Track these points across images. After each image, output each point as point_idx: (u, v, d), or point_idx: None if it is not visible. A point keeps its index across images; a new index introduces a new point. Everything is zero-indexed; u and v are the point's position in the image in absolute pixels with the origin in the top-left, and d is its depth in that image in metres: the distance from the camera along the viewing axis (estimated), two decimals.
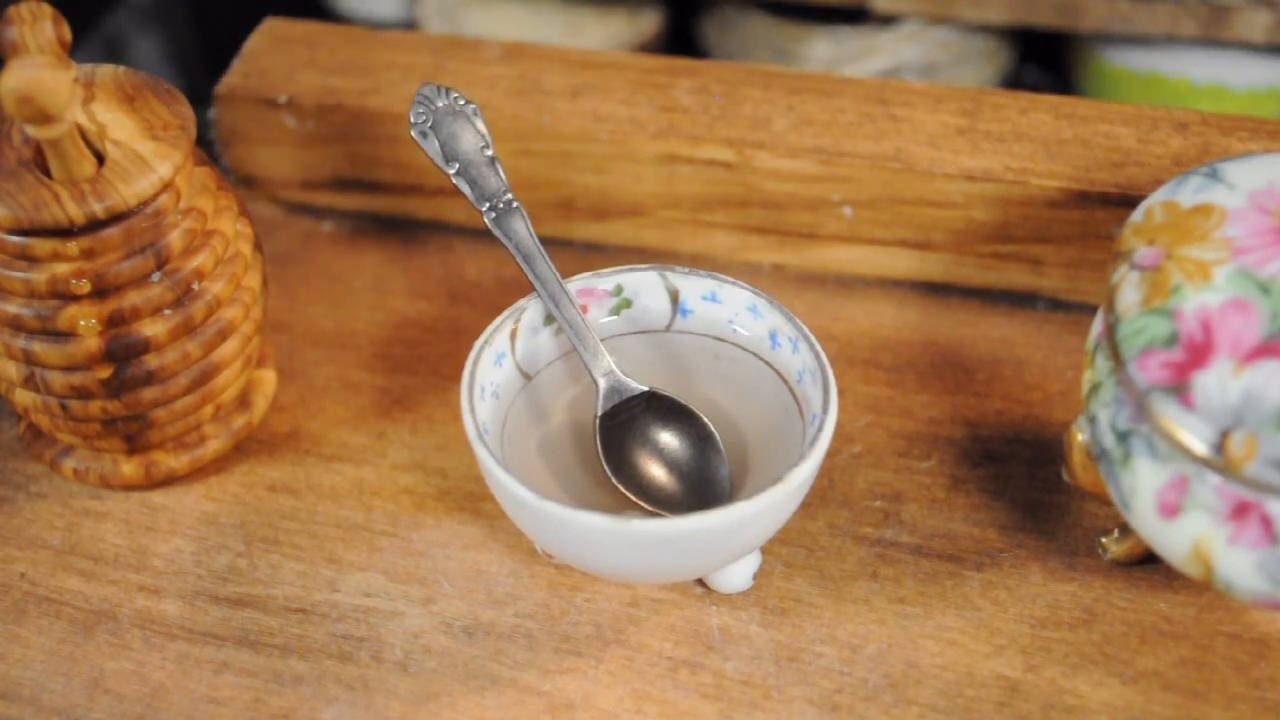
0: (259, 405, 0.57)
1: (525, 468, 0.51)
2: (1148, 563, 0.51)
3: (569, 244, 0.65)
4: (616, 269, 0.53)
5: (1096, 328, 0.48)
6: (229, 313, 0.53)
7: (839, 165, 0.60)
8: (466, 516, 0.55)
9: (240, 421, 0.56)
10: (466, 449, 0.57)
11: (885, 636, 0.51)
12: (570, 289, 0.52)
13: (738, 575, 0.51)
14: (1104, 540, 0.52)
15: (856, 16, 0.84)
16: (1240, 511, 0.43)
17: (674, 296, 0.53)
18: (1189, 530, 0.44)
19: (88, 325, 0.50)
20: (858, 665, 0.50)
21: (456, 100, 0.55)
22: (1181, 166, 0.58)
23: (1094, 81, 0.84)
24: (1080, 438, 0.48)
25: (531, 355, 0.53)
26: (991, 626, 0.51)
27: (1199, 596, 0.51)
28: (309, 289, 0.64)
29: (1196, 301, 0.45)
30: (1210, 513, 0.44)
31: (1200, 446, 0.43)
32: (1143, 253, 0.47)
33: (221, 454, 0.56)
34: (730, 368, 0.53)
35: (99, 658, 0.51)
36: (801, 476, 0.47)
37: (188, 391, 0.53)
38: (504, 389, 0.51)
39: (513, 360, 0.52)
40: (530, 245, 0.52)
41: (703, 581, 0.52)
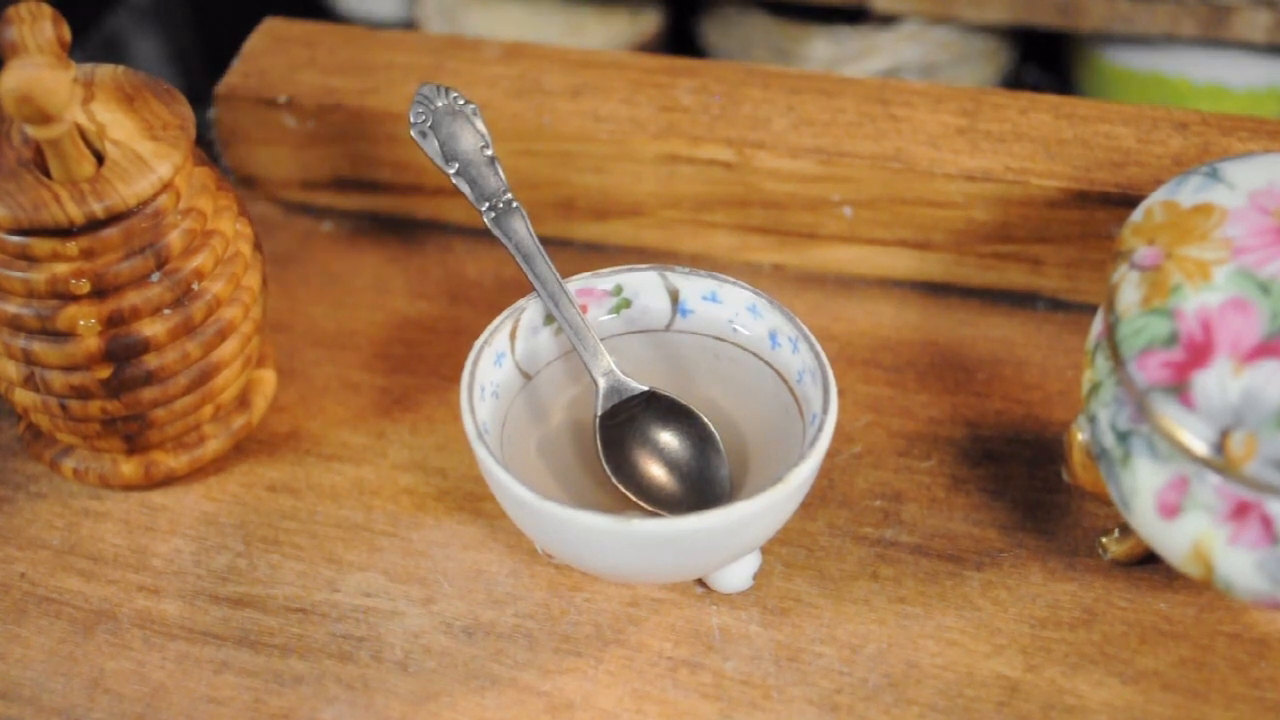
0: (259, 405, 0.57)
1: (525, 467, 0.51)
2: (1148, 563, 0.51)
3: (569, 244, 0.65)
4: (616, 269, 0.53)
5: (1096, 327, 0.48)
6: (229, 313, 0.53)
7: (839, 165, 0.60)
8: (466, 516, 0.55)
9: (240, 421, 0.56)
10: (466, 449, 0.57)
11: (885, 636, 0.51)
12: (570, 289, 0.52)
13: (738, 575, 0.51)
14: (1104, 540, 0.52)
15: (856, 16, 0.84)
16: (1240, 511, 0.43)
17: (674, 296, 0.53)
18: (1189, 530, 0.44)
19: (87, 325, 0.50)
20: (858, 665, 0.50)
21: (456, 100, 0.55)
22: (1181, 166, 0.58)
23: (1094, 81, 0.84)
24: (1080, 437, 0.48)
25: (531, 355, 0.52)
26: (991, 626, 0.51)
27: (1199, 596, 0.51)
28: (309, 289, 0.64)
29: (1196, 301, 0.45)
30: (1210, 512, 0.43)
31: (1200, 446, 0.43)
32: (1143, 252, 0.47)
33: (221, 454, 0.56)
34: (730, 368, 0.53)
35: (99, 657, 0.51)
36: (801, 476, 0.47)
37: (187, 391, 0.53)
38: (504, 389, 0.51)
39: (512, 360, 0.52)
40: (530, 245, 0.52)
41: (703, 581, 0.52)
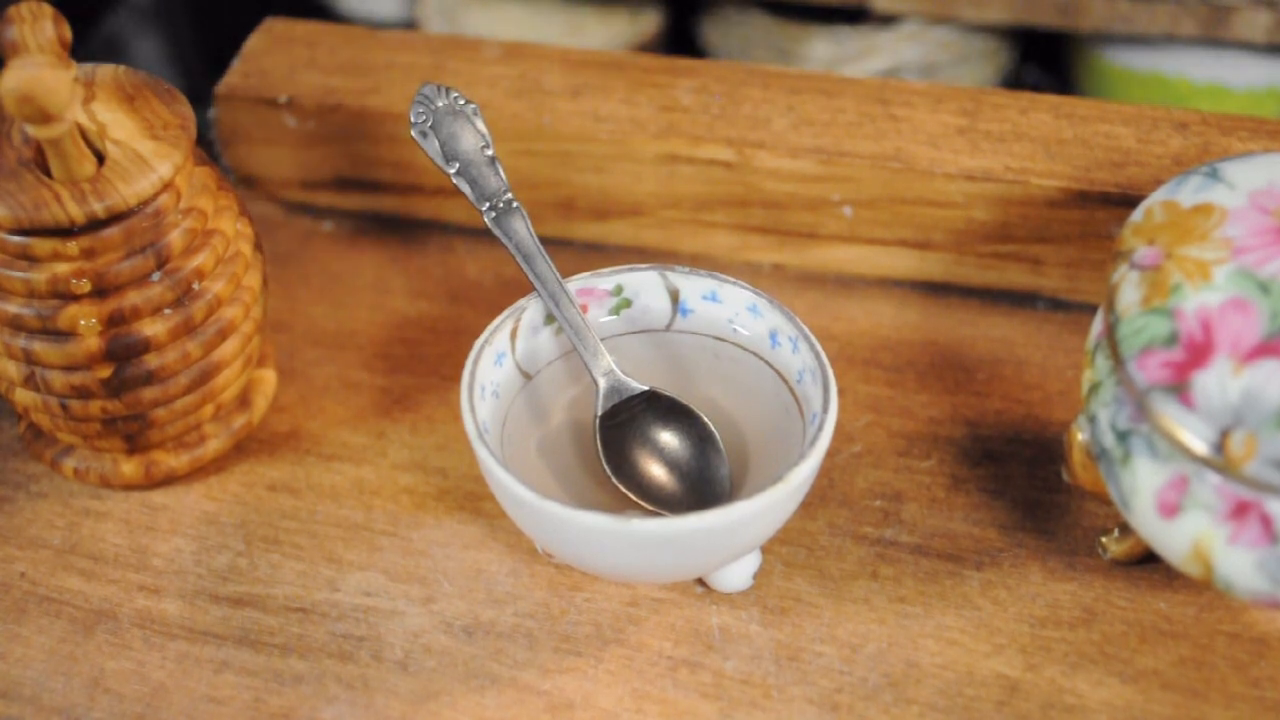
0: (259, 405, 0.57)
1: (525, 467, 0.51)
2: (1147, 562, 0.51)
3: (569, 244, 0.65)
4: (616, 269, 0.53)
5: (1096, 327, 0.48)
6: (229, 312, 0.53)
7: (839, 165, 0.60)
8: (466, 516, 0.55)
9: (240, 421, 0.56)
10: (466, 448, 0.57)
11: (885, 636, 0.51)
12: (570, 288, 0.52)
13: (738, 575, 0.51)
14: (1104, 540, 0.52)
15: (856, 16, 0.84)
16: (1240, 511, 0.43)
17: (674, 296, 0.53)
18: (1189, 529, 0.44)
19: (88, 325, 0.50)
20: (858, 664, 0.50)
21: (456, 100, 0.55)
22: (1181, 166, 0.58)
23: (1094, 81, 0.84)
24: (1080, 437, 0.48)
25: (531, 355, 0.53)
26: (991, 626, 0.51)
27: (1199, 596, 0.51)
28: (309, 289, 0.64)
29: (1196, 301, 0.45)
30: (1210, 512, 0.44)
31: (1200, 446, 0.43)
32: (1143, 252, 0.47)
33: (221, 454, 0.56)
34: (730, 367, 0.53)
35: (99, 657, 0.51)
36: (801, 476, 0.47)
37: (188, 391, 0.53)
38: (504, 388, 0.51)
39: (513, 360, 0.52)
40: (530, 245, 0.52)
41: (703, 581, 0.52)
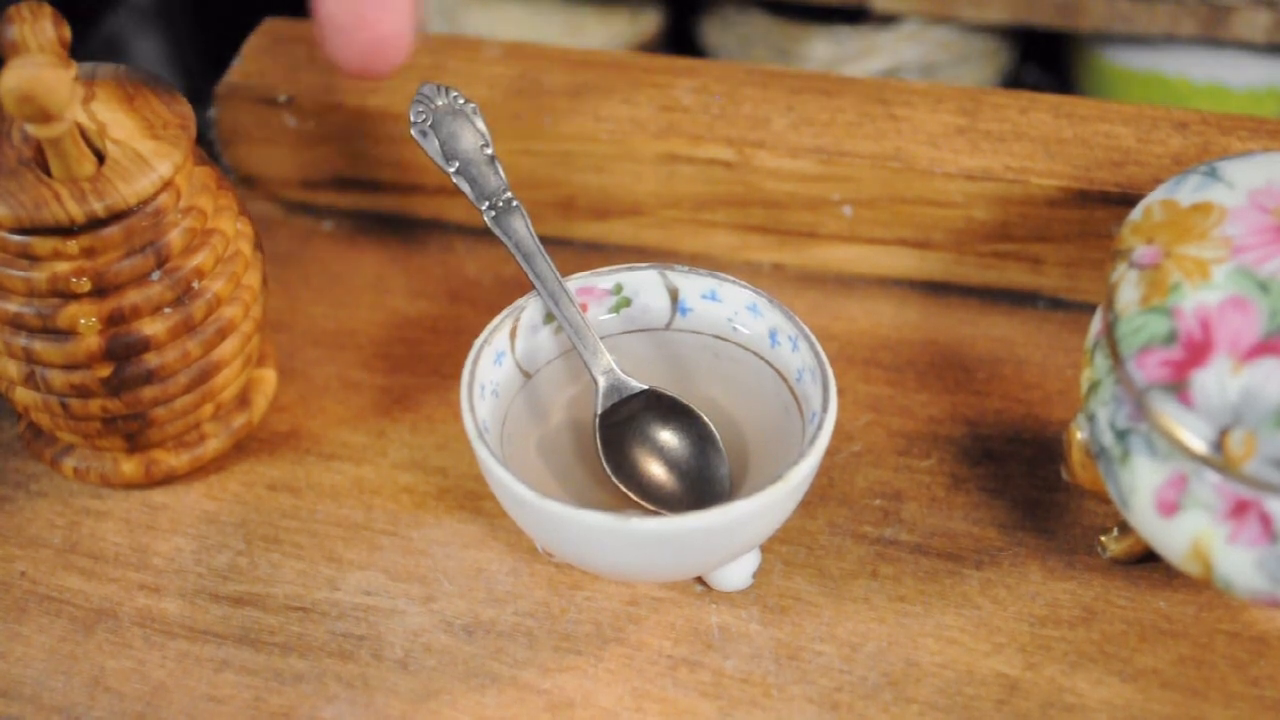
0: (259, 404, 0.57)
1: (525, 466, 0.51)
2: (1147, 561, 0.51)
3: (569, 243, 0.65)
4: (616, 268, 0.53)
5: (1096, 326, 0.48)
6: (229, 311, 0.53)
7: (839, 165, 0.60)
8: (466, 515, 0.55)
9: (240, 420, 0.56)
10: (466, 448, 0.57)
11: (885, 635, 0.51)
12: (570, 287, 0.52)
13: (737, 573, 0.51)
14: (1103, 539, 0.52)
15: (856, 16, 0.84)
16: (1239, 510, 0.43)
17: (674, 295, 0.53)
18: (1188, 528, 0.44)
19: (88, 324, 0.50)
20: (857, 663, 0.50)
21: (456, 99, 0.55)
22: (1181, 165, 0.58)
23: (1094, 81, 0.84)
24: (1079, 436, 0.48)
25: (531, 354, 0.53)
26: (991, 625, 0.51)
27: (1198, 595, 0.51)
28: (309, 288, 0.64)
29: (1195, 300, 0.45)
30: (1209, 511, 0.44)
31: (1199, 445, 0.43)
32: (1142, 251, 0.47)
33: (221, 453, 0.56)
34: (730, 366, 0.53)
35: (99, 656, 0.51)
36: (801, 475, 0.47)
37: (188, 390, 0.53)
38: (504, 387, 0.51)
39: (512, 359, 0.52)
40: (530, 244, 0.52)
41: (702, 580, 0.52)
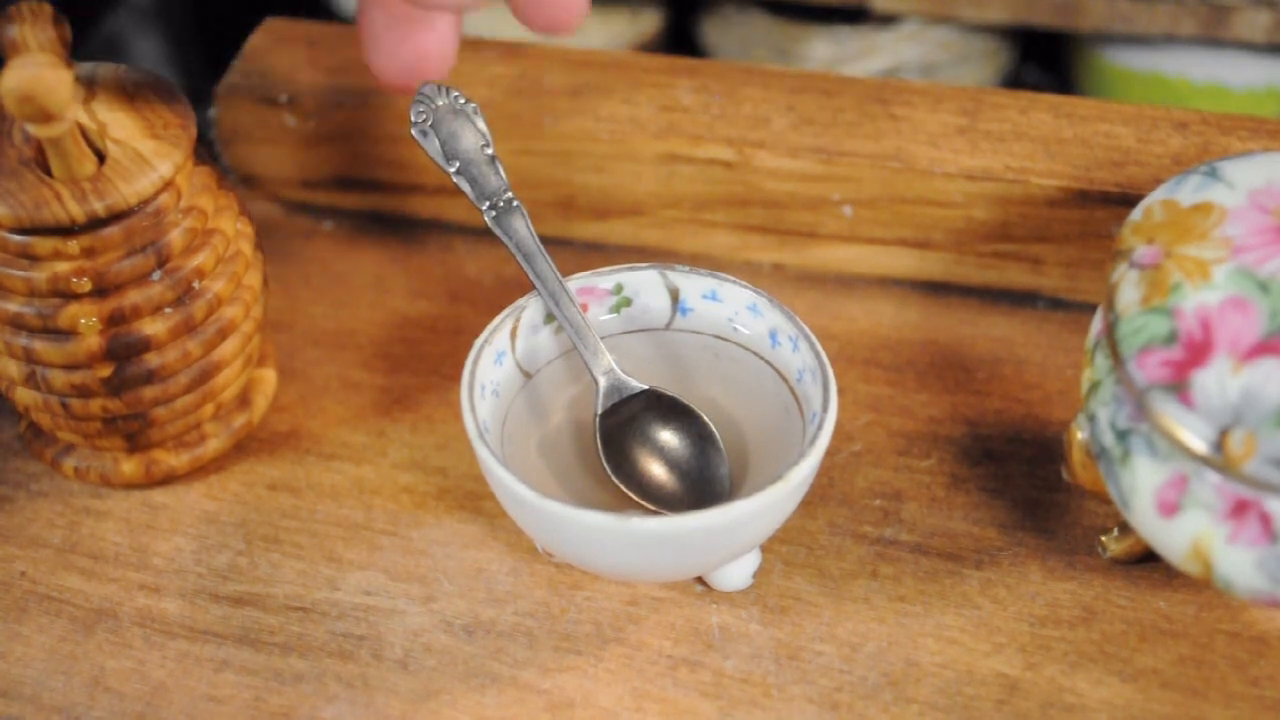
0: (259, 404, 0.57)
1: (525, 466, 0.52)
2: (1147, 561, 0.51)
3: (569, 243, 0.65)
4: (616, 268, 0.53)
5: (1096, 326, 0.48)
6: (229, 311, 0.53)
7: (839, 165, 0.60)
8: (467, 515, 0.55)
9: (240, 420, 0.56)
10: (467, 448, 0.57)
11: (885, 635, 0.51)
12: (570, 287, 0.52)
13: (737, 573, 0.51)
14: (1103, 539, 0.52)
15: (856, 16, 0.84)
16: (1239, 510, 0.43)
17: (674, 295, 0.53)
18: (1188, 528, 0.44)
19: (88, 324, 0.50)
20: (857, 663, 0.50)
21: (457, 99, 0.55)
22: (1181, 166, 0.58)
23: (1094, 81, 0.84)
24: (1080, 436, 0.48)
25: (532, 354, 0.53)
26: (991, 625, 0.51)
27: (1198, 595, 0.51)
28: (309, 288, 0.64)
29: (1196, 300, 0.45)
30: (1209, 511, 0.44)
31: (1199, 445, 0.43)
32: (1142, 251, 0.47)
33: (222, 453, 0.56)
34: (730, 366, 0.53)
35: (99, 656, 0.51)
36: (801, 475, 0.47)
37: (188, 390, 0.53)
38: (504, 387, 0.51)
39: (513, 359, 0.52)
40: (530, 244, 0.52)
41: (702, 580, 0.52)
